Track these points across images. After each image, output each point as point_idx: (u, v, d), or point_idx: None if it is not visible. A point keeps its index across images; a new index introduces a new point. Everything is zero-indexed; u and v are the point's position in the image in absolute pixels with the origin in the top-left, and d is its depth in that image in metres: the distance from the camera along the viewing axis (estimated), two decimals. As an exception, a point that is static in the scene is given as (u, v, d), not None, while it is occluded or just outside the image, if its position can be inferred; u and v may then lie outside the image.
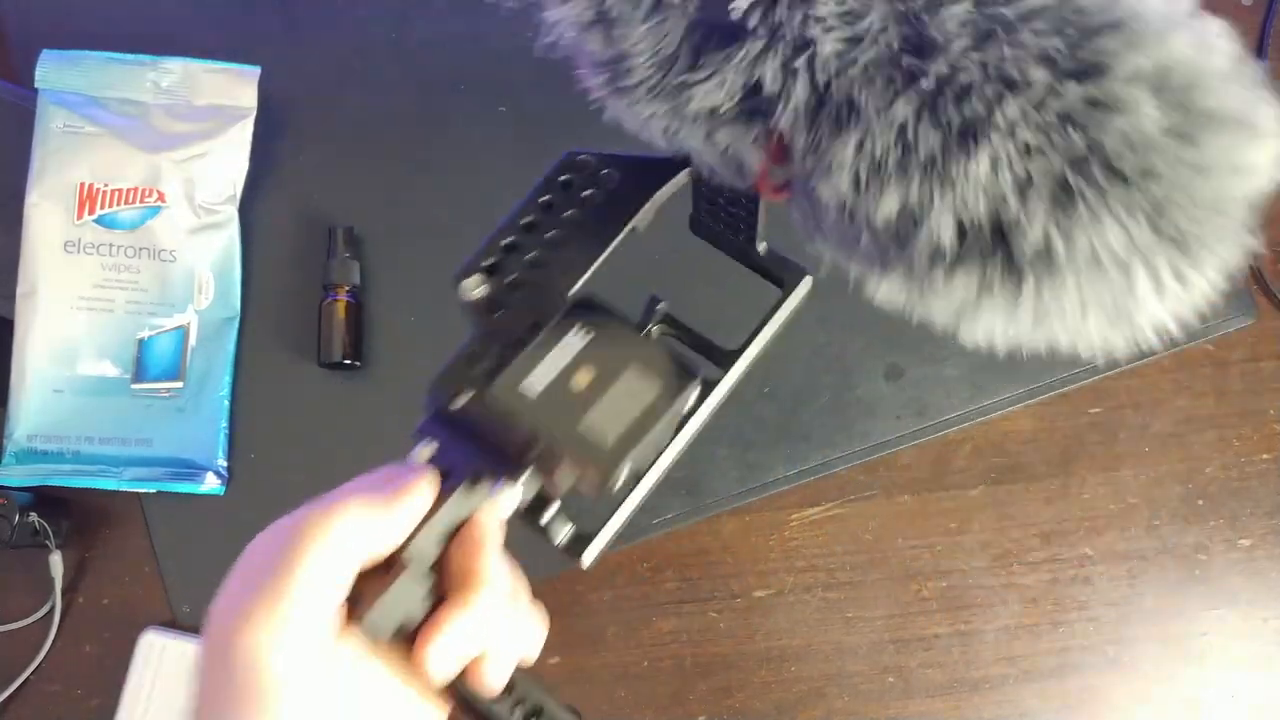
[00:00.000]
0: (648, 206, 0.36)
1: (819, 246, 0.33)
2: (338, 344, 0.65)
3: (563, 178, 0.36)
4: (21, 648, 0.63)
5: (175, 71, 0.65)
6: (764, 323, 0.41)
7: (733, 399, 0.71)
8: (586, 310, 0.33)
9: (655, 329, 0.40)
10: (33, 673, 0.63)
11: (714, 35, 0.29)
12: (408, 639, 0.31)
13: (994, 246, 0.28)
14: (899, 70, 0.27)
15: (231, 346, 0.66)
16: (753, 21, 0.28)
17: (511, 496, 0.33)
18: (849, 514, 0.65)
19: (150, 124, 0.65)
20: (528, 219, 0.36)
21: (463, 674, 0.31)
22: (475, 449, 0.33)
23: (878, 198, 0.28)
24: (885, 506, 0.66)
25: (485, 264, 0.36)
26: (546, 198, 0.36)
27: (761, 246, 0.41)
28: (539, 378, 0.32)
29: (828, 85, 0.28)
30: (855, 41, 0.27)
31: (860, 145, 0.28)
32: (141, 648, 0.62)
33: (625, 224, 0.36)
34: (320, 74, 0.69)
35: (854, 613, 0.65)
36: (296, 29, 0.70)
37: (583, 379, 0.32)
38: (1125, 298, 0.29)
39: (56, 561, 0.62)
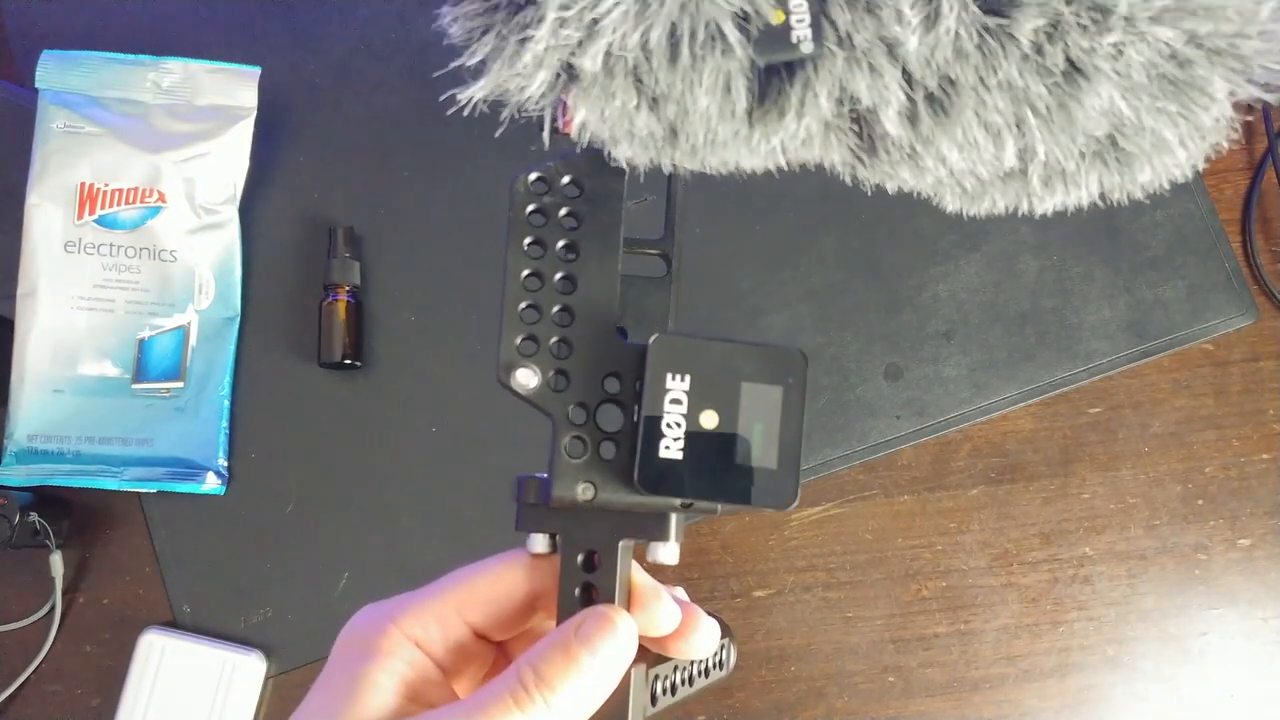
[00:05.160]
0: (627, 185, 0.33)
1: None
2: (338, 344, 0.65)
3: (529, 209, 0.32)
4: (21, 648, 0.63)
5: (176, 71, 0.65)
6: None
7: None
8: (660, 347, 0.31)
9: None
10: (33, 673, 0.63)
11: (776, 75, 0.26)
12: None
13: (1111, 151, 0.28)
14: (989, 34, 0.26)
15: (232, 346, 0.66)
16: (823, 45, 0.26)
17: (671, 552, 0.32)
18: (849, 514, 0.66)
19: (150, 124, 0.65)
20: (526, 272, 0.32)
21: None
22: (605, 522, 0.31)
23: (998, 151, 0.27)
24: (885, 506, 0.66)
25: (519, 344, 0.32)
26: (529, 239, 0.32)
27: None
28: (672, 441, 0.30)
29: (923, 75, 0.26)
30: (934, 21, 0.26)
31: (974, 118, 0.27)
32: (141, 648, 0.62)
33: (619, 217, 0.33)
34: (320, 74, 0.69)
35: (854, 613, 0.65)
36: (296, 29, 0.70)
37: (709, 420, 0.30)
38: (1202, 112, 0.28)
39: (57, 561, 0.62)
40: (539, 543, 0.32)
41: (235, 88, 0.66)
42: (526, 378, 0.32)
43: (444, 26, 0.26)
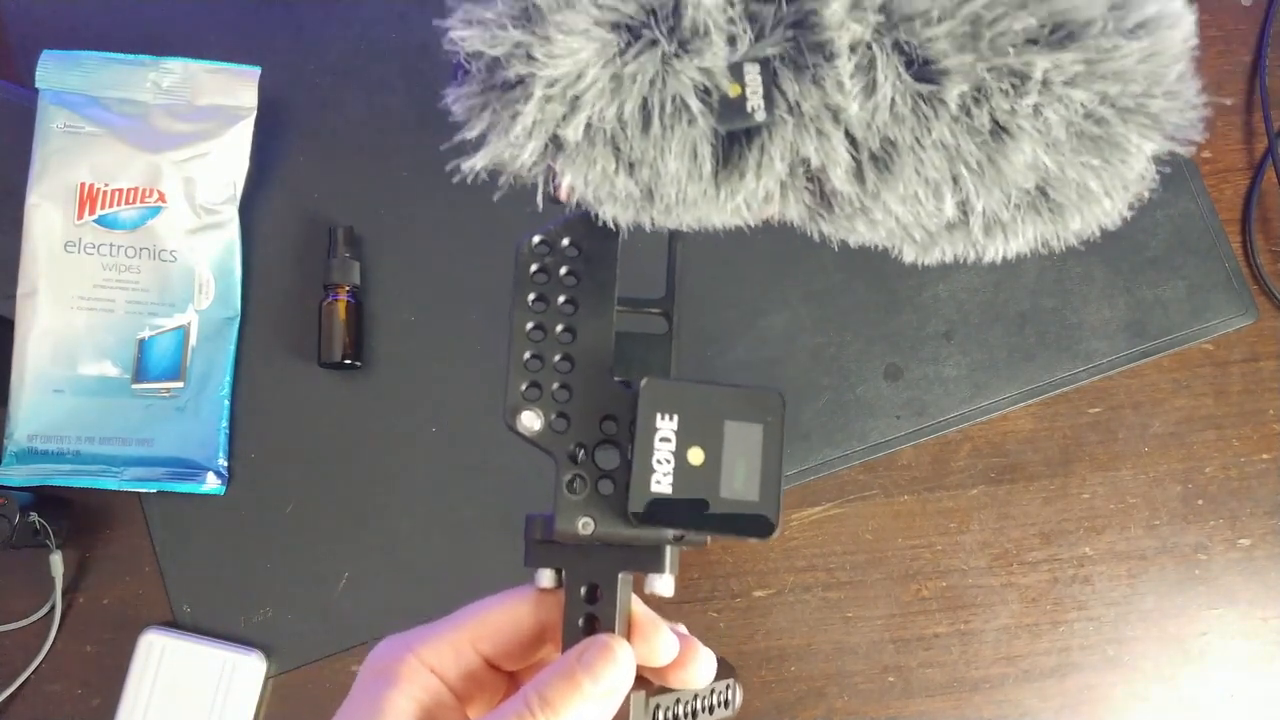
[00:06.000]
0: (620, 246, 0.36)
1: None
2: (338, 344, 0.65)
3: (533, 268, 0.35)
4: (21, 648, 0.63)
5: (176, 71, 0.65)
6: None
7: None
8: (652, 389, 0.33)
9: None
10: (33, 673, 0.63)
11: (737, 140, 0.30)
12: None
13: (1043, 202, 0.31)
14: (921, 99, 0.29)
15: (232, 346, 0.66)
16: (775, 113, 0.29)
17: (667, 584, 0.34)
18: (849, 514, 0.66)
19: (151, 124, 0.65)
20: (530, 324, 0.35)
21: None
22: (605, 556, 0.34)
23: (938, 203, 0.30)
24: (885, 506, 0.66)
25: (524, 390, 0.35)
26: (532, 295, 0.35)
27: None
28: (663, 476, 0.33)
29: (865, 137, 0.29)
30: (872, 90, 0.29)
31: (914, 174, 0.30)
32: (141, 648, 0.62)
33: (614, 274, 0.36)
34: (320, 74, 0.69)
35: (854, 612, 0.65)
36: (296, 29, 0.70)
37: (696, 456, 0.33)
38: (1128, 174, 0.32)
39: (57, 561, 0.62)
40: (546, 578, 0.34)
41: (235, 88, 0.66)
42: (530, 420, 0.34)
43: (447, 105, 0.30)
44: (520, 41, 0.28)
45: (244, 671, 0.62)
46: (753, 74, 0.29)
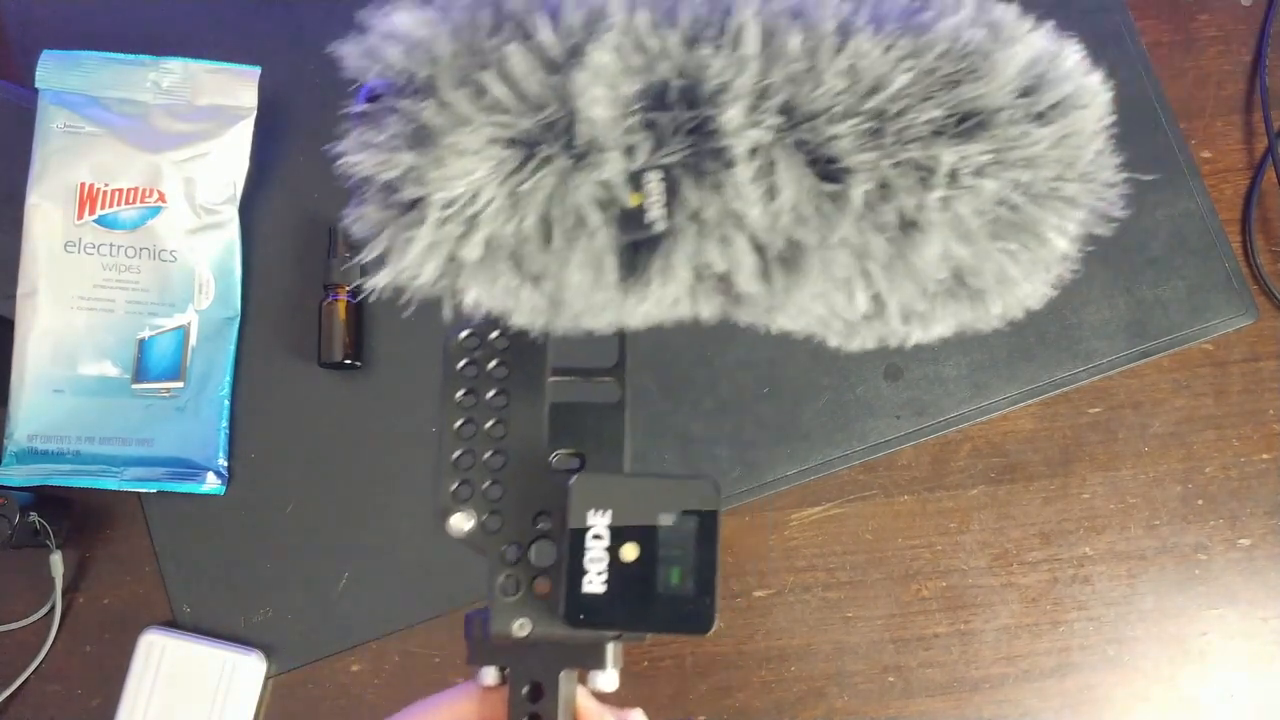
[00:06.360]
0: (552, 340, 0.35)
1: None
2: (338, 344, 0.65)
3: (461, 364, 0.35)
4: (21, 648, 0.63)
5: (176, 71, 0.65)
6: None
7: (733, 399, 0.71)
8: (582, 485, 0.32)
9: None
10: (33, 673, 0.63)
11: (641, 247, 0.29)
12: None
13: (961, 288, 0.30)
14: (825, 198, 0.28)
15: (232, 346, 0.66)
16: (676, 221, 0.28)
17: (610, 679, 0.33)
18: (849, 514, 0.66)
19: (150, 124, 0.65)
20: (459, 421, 0.34)
21: None
22: (546, 654, 0.33)
23: (850, 299, 0.30)
24: (885, 506, 0.66)
25: (454, 490, 0.34)
26: (462, 390, 0.34)
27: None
28: (595, 575, 0.31)
29: (770, 240, 0.29)
30: (774, 194, 0.28)
31: (821, 273, 0.29)
32: (141, 648, 0.62)
33: (546, 363, 0.35)
34: (320, 74, 0.69)
35: (854, 612, 0.65)
36: (297, 29, 0.70)
37: (630, 553, 0.32)
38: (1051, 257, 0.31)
39: (57, 561, 0.62)
40: (489, 675, 0.33)
41: (235, 88, 0.66)
42: (461, 522, 0.33)
43: (347, 226, 0.30)
44: (413, 165, 0.28)
45: (244, 671, 0.62)
46: (652, 183, 0.28)
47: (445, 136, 0.27)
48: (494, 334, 0.35)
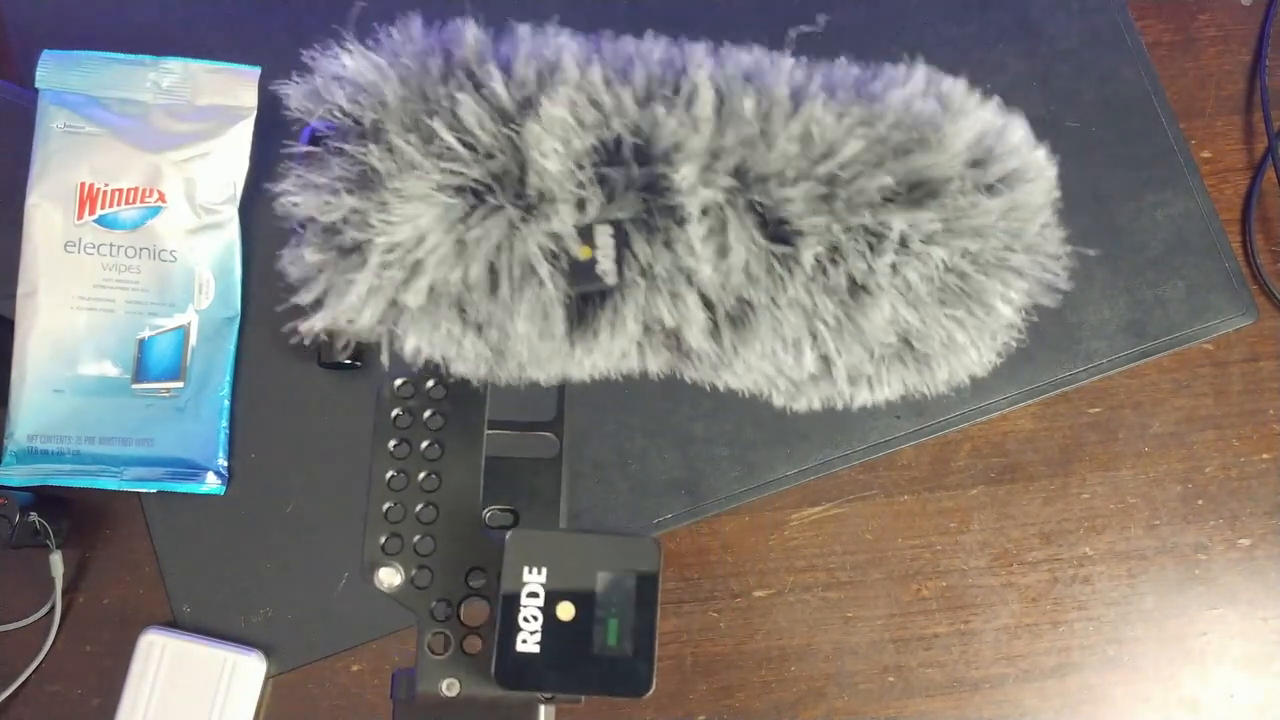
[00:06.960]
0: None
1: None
2: (338, 344, 0.65)
3: (395, 413, 0.34)
4: (21, 648, 0.63)
5: (176, 71, 0.65)
6: None
7: (733, 399, 0.71)
8: (516, 542, 0.31)
9: None
10: (33, 673, 0.63)
11: (590, 300, 0.29)
12: None
13: (908, 353, 0.31)
14: (776, 260, 0.28)
15: (232, 346, 0.66)
16: (627, 275, 0.28)
17: None
18: (849, 514, 0.66)
19: (151, 124, 0.65)
20: (390, 473, 0.33)
21: None
22: (476, 715, 0.32)
23: (798, 359, 0.30)
24: (885, 506, 0.66)
25: (383, 543, 0.33)
26: (394, 441, 0.33)
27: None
28: (530, 635, 0.30)
29: (720, 298, 0.29)
30: (725, 252, 0.28)
31: (771, 332, 0.29)
32: (141, 648, 0.62)
33: (483, 415, 0.34)
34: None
35: (854, 612, 0.65)
36: (296, 29, 0.70)
37: (566, 612, 0.31)
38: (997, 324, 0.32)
39: (57, 561, 0.62)
40: None
41: (235, 87, 0.66)
42: (389, 576, 0.32)
43: (282, 267, 0.29)
44: (356, 208, 0.27)
45: (244, 671, 0.62)
46: (603, 237, 0.28)
47: (391, 180, 0.27)
48: (430, 383, 0.34)
